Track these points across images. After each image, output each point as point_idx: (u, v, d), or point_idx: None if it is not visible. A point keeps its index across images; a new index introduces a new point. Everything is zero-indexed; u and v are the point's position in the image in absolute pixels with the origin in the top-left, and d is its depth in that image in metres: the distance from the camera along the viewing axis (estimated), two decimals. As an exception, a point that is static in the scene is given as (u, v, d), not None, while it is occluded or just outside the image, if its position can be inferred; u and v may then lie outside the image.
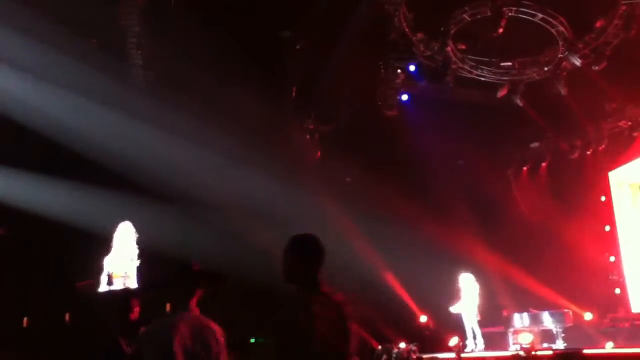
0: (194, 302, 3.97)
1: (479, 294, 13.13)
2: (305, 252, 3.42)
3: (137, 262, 12.73)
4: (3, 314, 12.43)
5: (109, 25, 11.69)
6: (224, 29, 12.13)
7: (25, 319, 13.42)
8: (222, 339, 3.89)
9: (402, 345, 13.32)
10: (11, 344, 11.89)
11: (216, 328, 3.92)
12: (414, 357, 12.48)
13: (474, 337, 12.88)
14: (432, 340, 14.33)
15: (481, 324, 13.07)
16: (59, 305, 13.21)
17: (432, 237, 14.56)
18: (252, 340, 15.35)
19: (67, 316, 13.19)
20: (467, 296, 13.04)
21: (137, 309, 5.31)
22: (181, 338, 3.71)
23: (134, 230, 13.02)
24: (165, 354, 3.63)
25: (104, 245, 13.26)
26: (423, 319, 15.41)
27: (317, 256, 3.46)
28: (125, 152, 12.42)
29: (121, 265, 12.73)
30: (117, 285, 12.56)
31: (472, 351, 12.66)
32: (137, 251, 12.85)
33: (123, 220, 12.70)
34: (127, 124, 12.43)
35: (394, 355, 12.61)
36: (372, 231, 14.29)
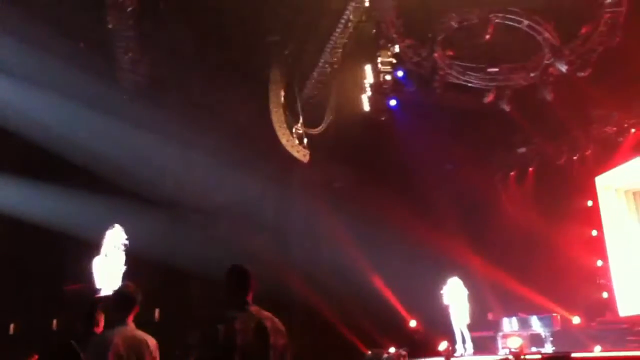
0: (130, 318, 4.48)
1: (468, 298, 13.17)
2: (237, 280, 3.93)
3: (124, 267, 12.69)
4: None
5: (98, 29, 11.66)
6: (214, 34, 12.15)
7: (12, 326, 13.29)
8: (156, 353, 4.41)
9: (392, 350, 13.34)
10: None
11: (152, 342, 4.41)
12: None
13: (463, 341, 12.91)
14: (421, 344, 14.35)
15: (470, 328, 13.11)
16: (47, 311, 13.10)
17: (421, 241, 14.60)
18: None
19: (54, 323, 13.09)
20: (455, 300, 13.07)
21: (101, 322, 5.59)
22: (116, 351, 4.19)
23: (124, 234, 12.98)
24: None
25: (93, 249, 13.20)
26: (413, 323, 15.43)
27: (246, 283, 3.94)
28: (114, 156, 12.37)
29: (110, 268, 12.68)
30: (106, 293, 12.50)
31: (461, 355, 12.69)
32: (124, 255, 12.81)
33: (112, 224, 12.66)
34: (116, 128, 12.39)
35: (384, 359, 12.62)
36: (361, 235, 14.31)
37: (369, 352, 13.26)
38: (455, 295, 13.08)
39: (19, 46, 11.08)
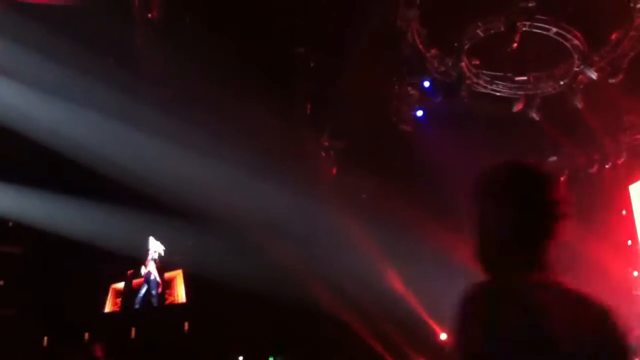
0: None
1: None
2: None
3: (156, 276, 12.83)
4: (23, 334, 12.52)
5: (125, 43, 11.87)
6: (239, 46, 12.26)
7: (45, 339, 13.51)
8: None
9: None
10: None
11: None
12: None
13: None
14: (452, 357, 14.14)
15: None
16: (79, 325, 13.30)
17: (451, 252, 14.42)
18: (271, 359, 15.29)
19: (86, 335, 13.27)
20: None
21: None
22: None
23: (160, 245, 13.16)
24: None
25: (125, 263, 13.37)
26: (443, 336, 15.22)
27: None
28: (141, 169, 12.54)
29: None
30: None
31: None
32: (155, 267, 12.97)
33: (144, 238, 12.86)
34: (143, 141, 12.57)
35: None
36: (390, 246, 14.23)
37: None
38: None
39: (52, 63, 11.33)
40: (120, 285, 15.42)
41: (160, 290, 14.79)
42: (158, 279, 14.38)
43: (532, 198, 2.23)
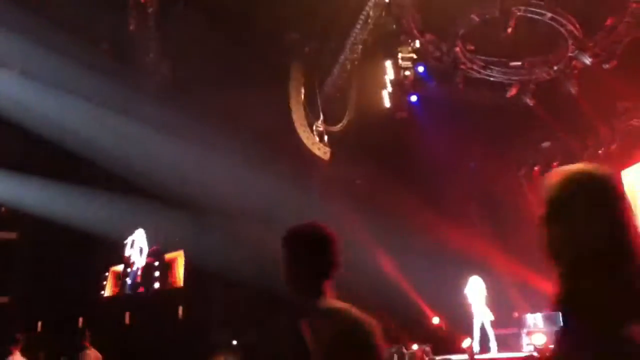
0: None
1: (488, 295, 13.06)
2: None
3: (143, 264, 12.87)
4: (17, 319, 12.54)
5: (120, 31, 11.78)
6: (233, 33, 12.18)
7: (39, 324, 13.54)
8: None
9: (415, 346, 13.29)
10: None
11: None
12: (427, 358, 12.42)
13: (486, 340, 12.77)
14: (445, 341, 14.26)
15: (495, 325, 12.99)
16: (73, 310, 13.32)
17: (444, 238, 14.50)
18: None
19: (80, 321, 13.30)
20: (476, 299, 12.96)
21: None
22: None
23: (145, 237, 13.16)
24: None
25: (118, 250, 13.40)
26: (436, 320, 15.35)
27: None
28: (135, 159, 12.52)
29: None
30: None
31: (476, 353, 12.53)
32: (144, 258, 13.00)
33: (135, 227, 12.86)
34: (137, 130, 12.53)
35: (407, 356, 12.56)
36: (383, 233, 14.27)
37: (392, 349, 13.23)
38: (475, 294, 12.97)
39: (45, 53, 11.26)
40: (120, 267, 15.43)
41: (139, 279, 14.76)
42: (142, 272, 14.35)
43: (302, 253, 2.72)
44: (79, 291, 14.22)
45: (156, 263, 14.82)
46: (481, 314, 12.83)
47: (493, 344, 12.72)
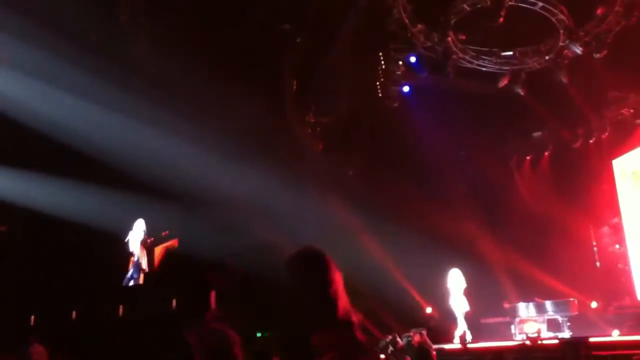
0: None
1: (480, 285, 13.12)
2: None
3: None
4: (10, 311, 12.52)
5: (109, 25, 11.71)
6: (224, 23, 12.11)
7: (32, 317, 13.50)
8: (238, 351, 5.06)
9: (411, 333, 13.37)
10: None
11: (235, 340, 5.29)
12: (423, 340, 12.40)
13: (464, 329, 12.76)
14: (437, 330, 14.33)
15: (486, 314, 13.05)
16: (66, 303, 13.30)
17: (436, 227, 14.54)
18: (259, 335, 15.42)
19: (74, 314, 13.28)
20: (455, 290, 12.92)
21: None
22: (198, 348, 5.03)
23: (144, 227, 13.16)
24: None
25: (111, 242, 13.40)
26: (428, 310, 15.41)
27: None
28: (125, 152, 12.48)
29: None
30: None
31: (462, 342, 12.54)
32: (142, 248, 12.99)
33: (127, 219, 12.84)
34: (126, 123, 12.49)
35: (405, 340, 12.57)
36: (376, 224, 14.29)
37: (389, 338, 13.29)
38: (455, 286, 12.94)
39: (30, 44, 11.18)
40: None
41: (143, 272, 14.73)
42: (144, 264, 14.32)
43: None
44: (71, 283, 14.19)
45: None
46: (459, 305, 12.82)
47: (468, 334, 12.67)
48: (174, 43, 11.80)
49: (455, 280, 12.95)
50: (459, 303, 12.81)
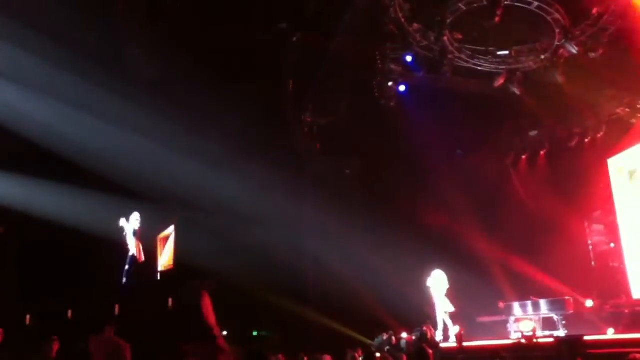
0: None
1: (475, 284, 13.14)
2: None
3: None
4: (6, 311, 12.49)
5: (105, 30, 11.71)
6: (220, 23, 12.09)
7: (28, 317, 13.48)
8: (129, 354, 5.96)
9: (405, 335, 13.39)
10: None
11: (126, 346, 6.02)
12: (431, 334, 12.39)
13: (445, 329, 12.74)
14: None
15: (482, 313, 13.05)
16: (62, 302, 13.29)
17: (432, 227, 14.57)
18: (255, 334, 15.41)
19: (69, 313, 13.26)
20: (438, 291, 12.88)
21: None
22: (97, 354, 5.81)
23: (139, 221, 13.15)
24: None
25: (103, 245, 13.38)
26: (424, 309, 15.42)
27: None
28: (118, 155, 12.51)
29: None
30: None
31: (440, 342, 12.52)
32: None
33: (128, 214, 12.87)
34: (119, 126, 12.51)
35: (418, 334, 12.57)
36: (372, 223, 14.31)
37: (383, 337, 13.33)
38: (438, 287, 12.91)
39: (22, 50, 11.16)
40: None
41: (140, 260, 14.65)
42: (138, 255, 14.30)
43: None
44: (66, 283, 14.18)
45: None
46: (442, 306, 12.80)
47: (452, 333, 12.64)
48: (171, 45, 11.78)
49: (438, 282, 12.90)
50: (442, 305, 12.77)
